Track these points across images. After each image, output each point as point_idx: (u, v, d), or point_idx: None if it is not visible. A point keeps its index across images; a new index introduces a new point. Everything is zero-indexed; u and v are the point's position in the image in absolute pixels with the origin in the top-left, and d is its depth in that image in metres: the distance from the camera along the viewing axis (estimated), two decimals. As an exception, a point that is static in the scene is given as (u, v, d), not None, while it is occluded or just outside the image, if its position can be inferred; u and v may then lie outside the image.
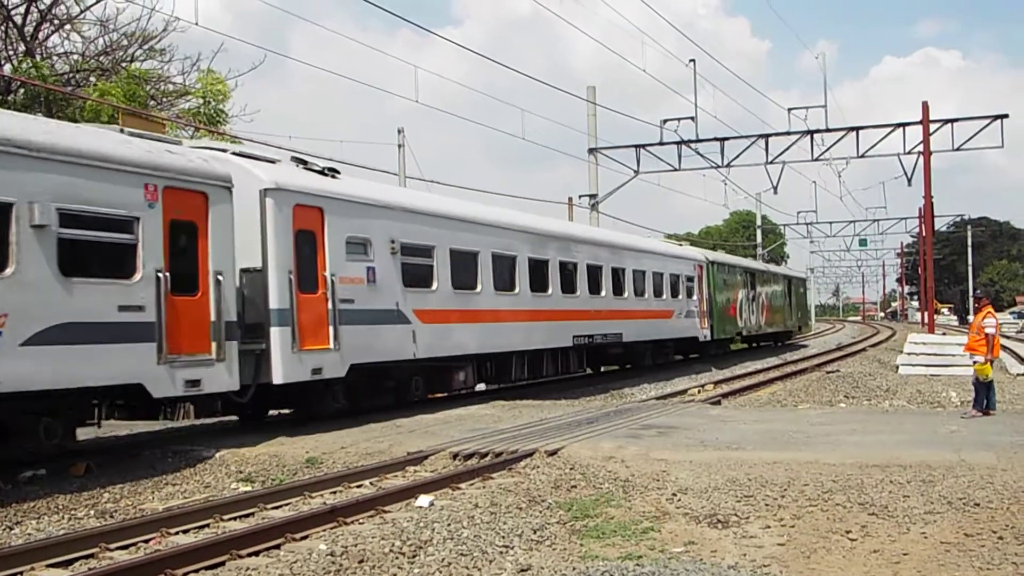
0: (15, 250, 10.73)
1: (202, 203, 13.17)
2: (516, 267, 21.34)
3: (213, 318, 13.11)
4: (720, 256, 40.89)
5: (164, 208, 12.55)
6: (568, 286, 23.85)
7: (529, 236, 22.14)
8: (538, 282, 22.27)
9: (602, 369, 30.54)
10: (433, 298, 18.25)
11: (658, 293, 30.09)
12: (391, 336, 16.98)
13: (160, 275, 12.31)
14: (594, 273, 25.44)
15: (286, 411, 17.46)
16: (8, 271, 10.67)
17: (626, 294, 27.50)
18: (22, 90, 23.09)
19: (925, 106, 33.93)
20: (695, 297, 33.14)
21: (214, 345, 13.13)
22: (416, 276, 17.82)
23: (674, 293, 31.36)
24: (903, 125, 35.41)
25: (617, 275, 27.04)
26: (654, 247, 32.24)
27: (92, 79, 24.59)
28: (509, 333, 20.95)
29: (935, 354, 29.97)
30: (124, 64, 25.35)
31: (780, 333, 50.27)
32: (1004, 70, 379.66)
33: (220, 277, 13.29)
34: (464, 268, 19.41)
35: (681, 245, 36.76)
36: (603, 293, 25.84)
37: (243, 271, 14.19)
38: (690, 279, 32.86)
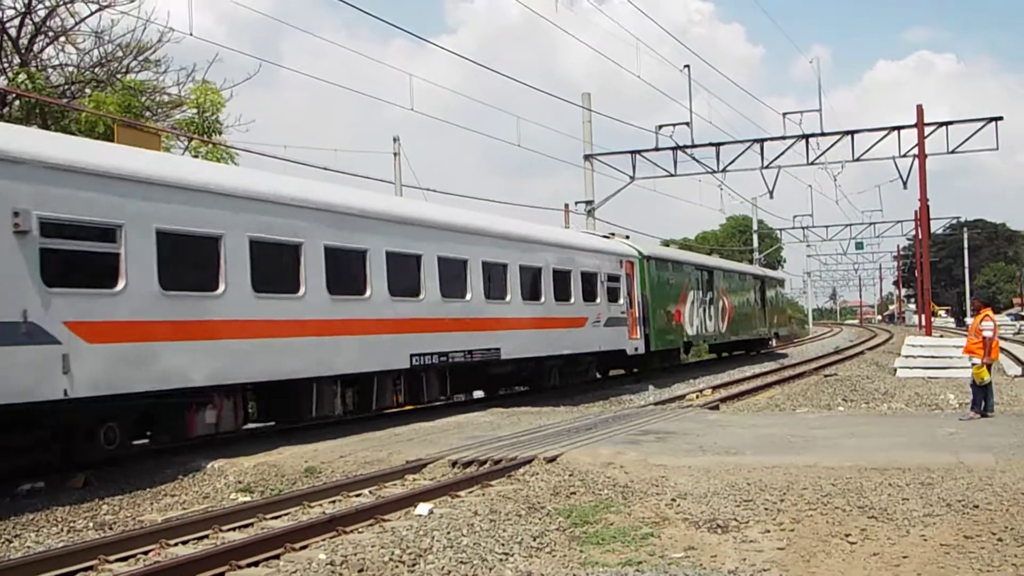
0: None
1: None
2: (302, 259, 15.27)
3: None
4: (661, 251, 34.07)
5: None
6: (403, 287, 17.80)
7: (327, 216, 15.96)
8: (345, 281, 16.35)
9: (501, 391, 24.74)
10: (118, 304, 12.22)
11: (562, 296, 23.62)
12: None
13: None
14: (452, 269, 19.33)
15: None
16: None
17: (508, 297, 21.14)
18: (17, 102, 23.09)
19: (920, 109, 34.00)
20: (622, 301, 27.01)
21: None
22: (73, 272, 11.83)
23: (588, 296, 24.88)
24: (898, 128, 35.45)
25: (493, 273, 20.76)
26: (557, 237, 25.47)
27: (87, 91, 24.58)
28: (286, 353, 14.87)
29: (933, 356, 30.02)
30: (119, 75, 25.33)
31: (752, 341, 44.19)
32: (996, 74, 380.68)
33: None
34: (193, 260, 13.68)
35: (610, 238, 30.06)
36: (468, 296, 19.72)
37: None
38: (614, 278, 26.75)
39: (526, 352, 22.04)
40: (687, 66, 36.64)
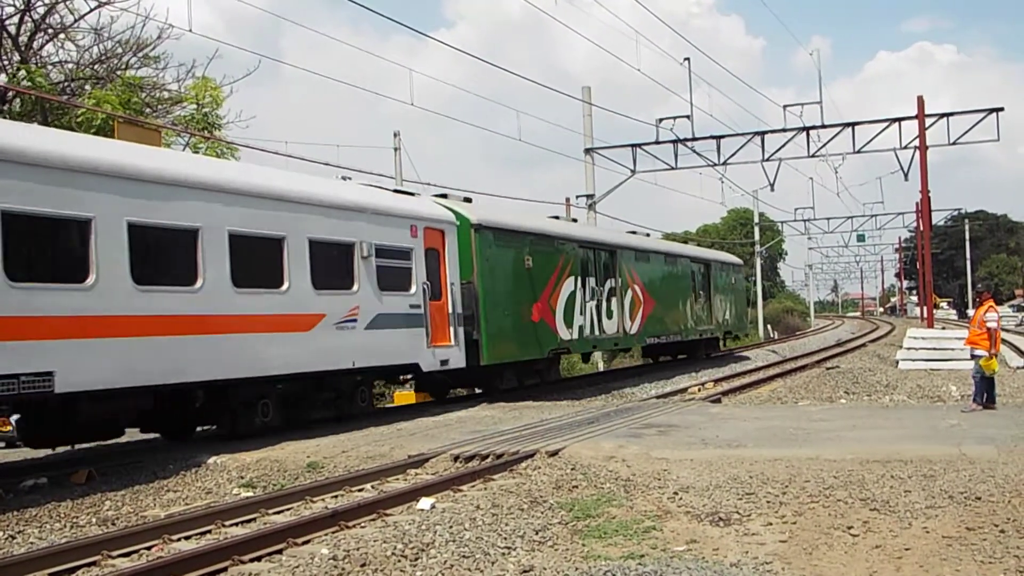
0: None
1: None
2: None
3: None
4: (507, 218, 22.51)
5: None
6: None
7: None
8: None
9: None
10: None
11: (260, 278, 14.77)
12: None
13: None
14: None
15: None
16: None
17: (92, 278, 11.97)
18: (18, 99, 23.10)
19: (920, 101, 33.96)
20: (415, 289, 17.84)
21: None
22: None
23: (331, 279, 16.06)
24: (899, 120, 35.43)
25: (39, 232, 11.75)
26: (245, 182, 14.86)
27: (87, 87, 24.59)
28: None
29: (934, 348, 30.02)
30: (119, 72, 25.35)
31: (689, 344, 34.58)
32: (997, 64, 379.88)
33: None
34: None
35: (412, 195, 20.44)
36: None
37: None
38: (398, 254, 17.69)
39: (135, 378, 12.53)
40: (687, 59, 36.77)
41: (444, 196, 21.39)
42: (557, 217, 27.63)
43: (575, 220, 28.08)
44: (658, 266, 30.72)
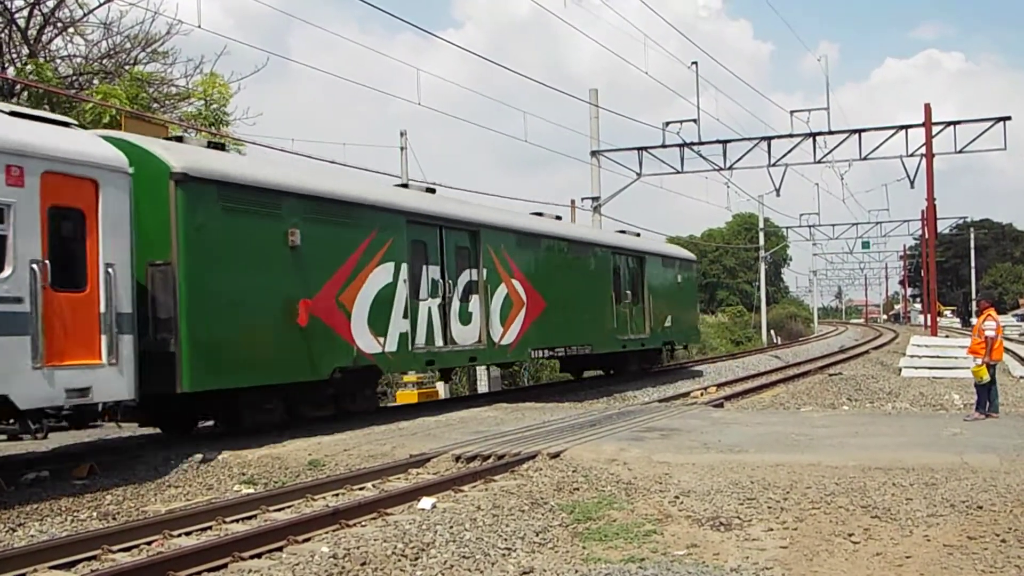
0: None
1: None
2: None
3: None
4: (245, 169, 15.37)
5: None
6: None
7: None
8: None
9: None
10: None
11: None
12: None
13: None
14: None
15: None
16: None
17: None
18: (25, 92, 23.13)
19: (927, 108, 33.93)
20: (9, 271, 10.86)
21: None
22: None
23: None
24: (905, 127, 35.37)
25: None
26: None
27: (95, 82, 24.61)
28: None
29: (938, 357, 30.01)
30: (127, 67, 25.37)
31: (611, 356, 27.66)
32: (1003, 72, 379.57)
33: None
34: None
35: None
36: None
37: None
38: None
39: None
40: (695, 63, 36.58)
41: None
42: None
43: (432, 190, 20.92)
44: (555, 256, 23.17)
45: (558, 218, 26.47)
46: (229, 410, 15.07)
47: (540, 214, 25.00)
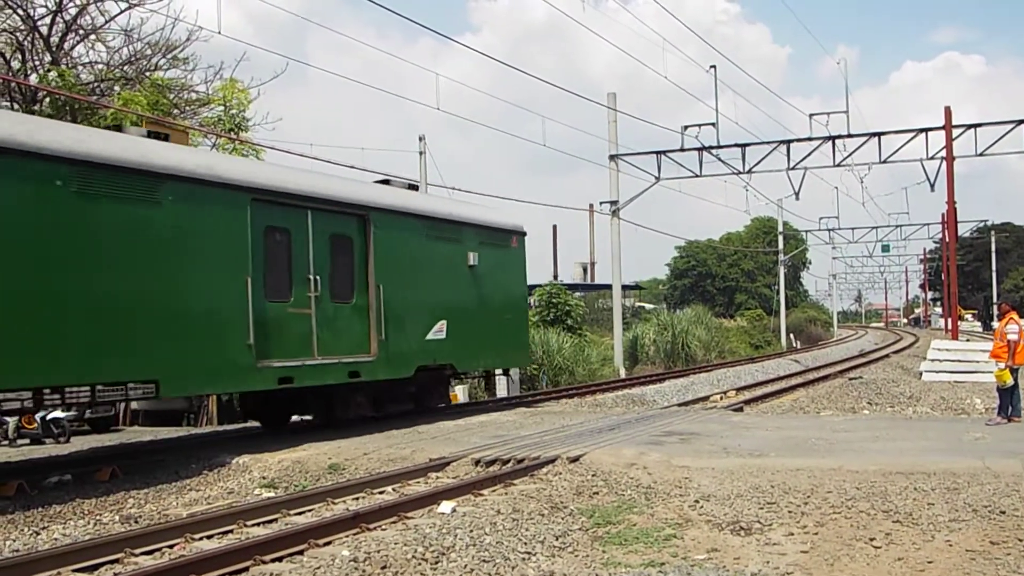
0: None
1: None
2: None
3: None
4: None
5: None
6: None
7: None
8: None
9: None
10: None
11: None
12: None
13: None
14: None
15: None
16: None
17: None
18: (48, 99, 23.34)
19: (948, 111, 33.74)
20: None
21: None
22: None
23: None
24: (926, 130, 35.16)
25: None
26: None
27: (116, 88, 24.81)
28: None
29: (959, 360, 29.82)
30: (148, 73, 25.57)
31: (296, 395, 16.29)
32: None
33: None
34: None
35: None
36: None
37: None
38: None
39: None
40: (713, 66, 36.48)
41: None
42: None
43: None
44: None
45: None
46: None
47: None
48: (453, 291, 18.64)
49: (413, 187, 19.32)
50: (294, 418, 18.22)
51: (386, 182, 18.71)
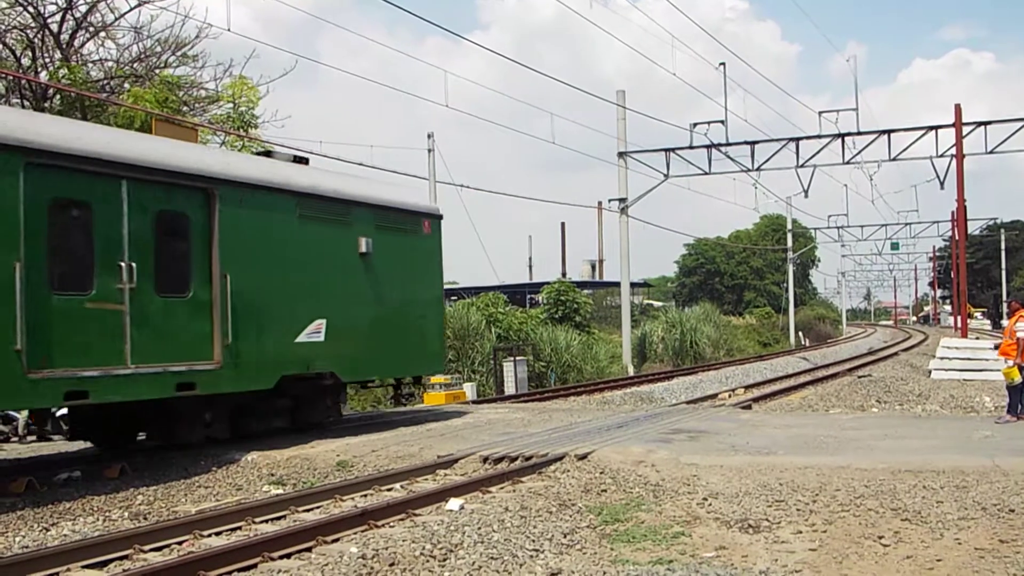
0: None
1: None
2: None
3: None
4: None
5: None
6: None
7: None
8: None
9: None
10: None
11: None
12: None
13: None
14: None
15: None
16: None
17: None
18: (58, 96, 23.41)
19: (958, 108, 33.63)
20: None
21: None
22: None
23: None
24: (935, 128, 35.07)
25: None
26: None
27: (126, 85, 24.87)
28: None
29: (968, 359, 29.74)
30: (157, 70, 25.63)
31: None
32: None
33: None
34: None
35: None
36: None
37: None
38: None
39: None
40: (722, 64, 36.45)
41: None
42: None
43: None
44: None
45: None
46: None
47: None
48: (336, 284, 15.32)
49: (301, 160, 16.16)
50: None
51: (268, 154, 15.95)
